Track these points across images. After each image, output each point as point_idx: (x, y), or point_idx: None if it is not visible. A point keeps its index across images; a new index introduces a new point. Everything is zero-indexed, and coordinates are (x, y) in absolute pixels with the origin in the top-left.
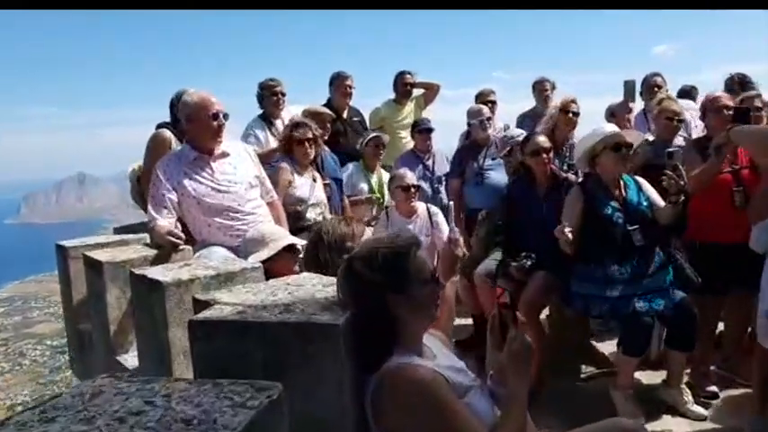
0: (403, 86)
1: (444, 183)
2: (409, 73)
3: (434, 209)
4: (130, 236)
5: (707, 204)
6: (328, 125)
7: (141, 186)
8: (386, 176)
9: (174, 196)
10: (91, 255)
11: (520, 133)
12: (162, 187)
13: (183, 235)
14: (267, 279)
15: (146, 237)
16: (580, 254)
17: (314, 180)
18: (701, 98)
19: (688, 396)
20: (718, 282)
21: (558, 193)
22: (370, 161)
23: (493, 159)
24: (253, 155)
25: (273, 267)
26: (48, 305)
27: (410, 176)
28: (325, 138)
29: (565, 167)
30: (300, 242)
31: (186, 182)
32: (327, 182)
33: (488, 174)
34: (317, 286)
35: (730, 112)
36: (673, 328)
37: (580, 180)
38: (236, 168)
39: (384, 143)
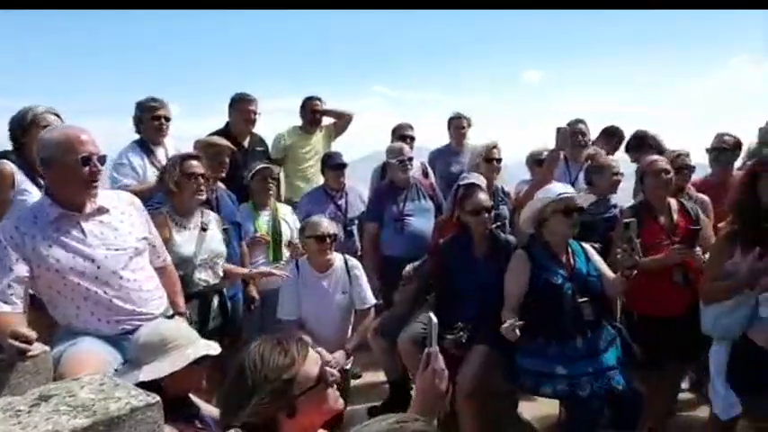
0: (311, 113)
1: (358, 225)
2: (318, 99)
3: (353, 261)
4: None
5: (646, 278)
6: (226, 159)
7: None
8: (283, 210)
9: (24, 271)
10: None
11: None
12: (6, 259)
13: (33, 334)
14: (160, 394)
15: None
16: (527, 325)
17: (203, 229)
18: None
19: None
20: (655, 355)
21: (497, 255)
22: (260, 197)
23: (413, 203)
24: (141, 209)
25: (173, 381)
26: None
27: (326, 224)
28: (223, 175)
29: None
30: (215, 350)
31: (44, 249)
32: (226, 227)
33: (409, 220)
34: None
35: (669, 176)
36: (621, 410)
37: (523, 243)
38: (118, 230)
39: (274, 175)
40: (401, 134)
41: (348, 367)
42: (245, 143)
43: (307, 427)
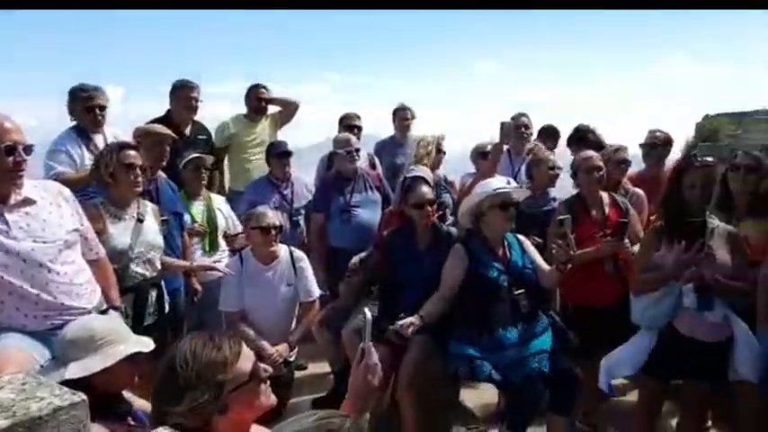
0: (256, 101)
1: (304, 215)
2: (264, 87)
3: (298, 253)
4: None
5: (579, 269)
6: (167, 147)
7: None
8: (217, 200)
9: None
10: None
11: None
12: None
13: None
14: (87, 393)
15: None
16: (463, 316)
17: (139, 221)
18: None
19: None
20: (587, 343)
21: (440, 247)
22: (192, 187)
23: (360, 194)
24: (71, 199)
25: (103, 379)
26: None
27: (271, 216)
28: (164, 164)
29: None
30: (148, 347)
31: None
32: (165, 218)
33: (356, 211)
34: None
35: (601, 173)
36: (556, 393)
37: (462, 236)
38: (47, 221)
39: (207, 165)
40: (348, 124)
41: (292, 359)
42: (187, 131)
43: (238, 423)
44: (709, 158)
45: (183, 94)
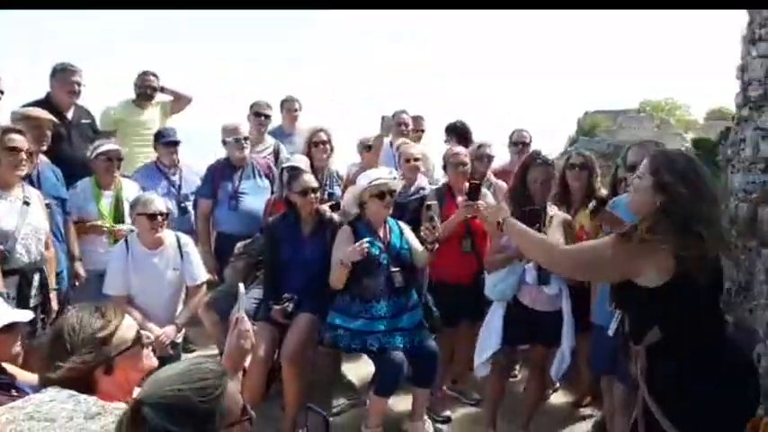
0: (144, 89)
1: (193, 201)
2: (154, 74)
3: (185, 238)
4: None
5: (441, 250)
6: (48, 132)
7: None
8: (128, 190)
9: None
10: None
11: None
12: None
13: None
14: None
15: None
16: (342, 289)
17: (25, 203)
18: None
19: (429, 426)
20: (450, 316)
21: (323, 232)
22: (103, 178)
23: (249, 181)
24: None
25: None
26: None
27: (158, 202)
28: (44, 148)
29: (325, 196)
30: (25, 317)
31: None
32: (48, 202)
33: (243, 198)
34: (77, 419)
35: (466, 167)
36: (418, 366)
37: (349, 220)
38: None
39: (120, 157)
40: (257, 111)
41: (179, 341)
42: (69, 115)
43: (123, 384)
44: (549, 157)
45: (65, 78)
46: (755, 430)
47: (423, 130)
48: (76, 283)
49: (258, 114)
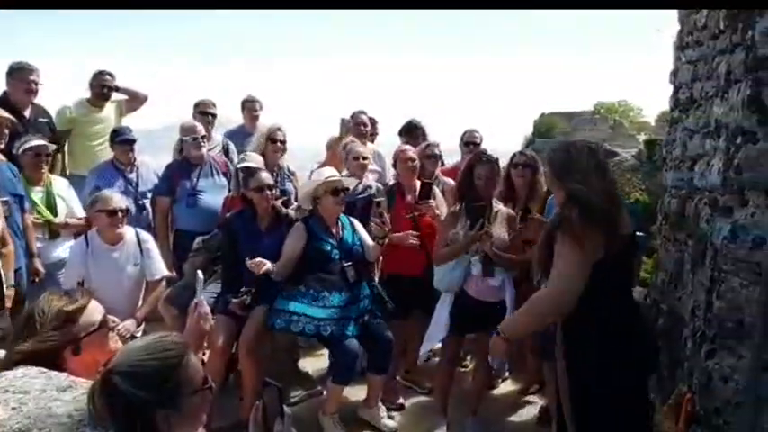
0: (100, 88)
1: (150, 199)
2: (109, 74)
3: (144, 234)
4: None
5: (393, 244)
6: (5, 130)
7: None
8: (58, 186)
9: None
10: None
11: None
12: None
13: None
14: None
15: None
16: (296, 281)
17: None
18: None
19: (383, 412)
20: (403, 307)
21: (279, 227)
22: (31, 173)
23: (207, 179)
24: None
25: None
26: None
27: (117, 199)
28: (2, 146)
29: (277, 192)
30: None
31: None
32: (5, 199)
33: (201, 195)
34: (49, 391)
35: (414, 164)
36: (374, 354)
37: (303, 217)
38: None
39: (47, 152)
40: (202, 110)
41: (139, 334)
42: (27, 113)
43: (91, 365)
44: (493, 155)
45: (22, 77)
46: (678, 405)
47: (376, 134)
48: (35, 280)
49: (204, 113)
